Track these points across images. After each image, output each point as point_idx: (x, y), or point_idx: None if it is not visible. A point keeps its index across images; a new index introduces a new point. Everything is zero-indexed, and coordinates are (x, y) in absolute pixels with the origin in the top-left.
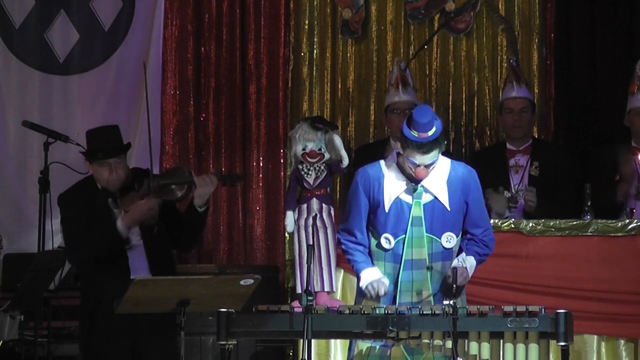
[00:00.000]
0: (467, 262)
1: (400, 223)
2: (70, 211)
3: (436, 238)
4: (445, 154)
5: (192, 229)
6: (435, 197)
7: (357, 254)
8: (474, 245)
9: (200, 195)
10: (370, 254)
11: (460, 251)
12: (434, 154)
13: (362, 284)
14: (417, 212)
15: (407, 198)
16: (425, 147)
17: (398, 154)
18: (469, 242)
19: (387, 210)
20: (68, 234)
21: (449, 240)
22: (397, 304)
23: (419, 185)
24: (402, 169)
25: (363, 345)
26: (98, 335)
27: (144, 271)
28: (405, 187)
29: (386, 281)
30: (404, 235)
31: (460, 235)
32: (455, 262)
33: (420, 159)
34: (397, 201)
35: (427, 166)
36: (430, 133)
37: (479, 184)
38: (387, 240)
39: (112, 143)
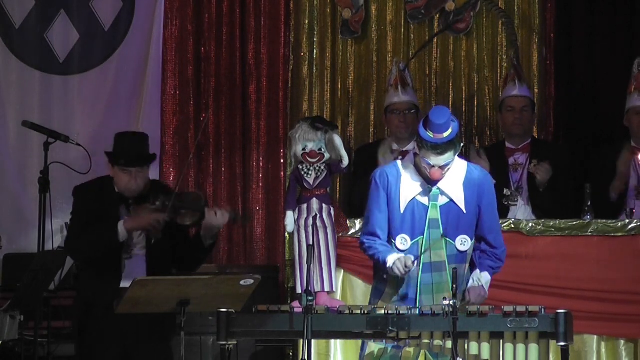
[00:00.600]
0: (483, 279)
1: (416, 224)
2: (80, 203)
3: (450, 241)
4: (461, 155)
5: (194, 257)
6: (452, 200)
7: (379, 246)
8: (486, 260)
9: (208, 228)
10: None
11: (472, 265)
12: (449, 155)
13: (389, 264)
14: (434, 214)
15: (424, 200)
16: (440, 148)
17: (415, 154)
18: (482, 257)
19: (402, 211)
20: (71, 226)
21: (464, 243)
22: (418, 305)
23: (436, 187)
24: (419, 170)
25: (374, 346)
26: (90, 337)
27: None
28: (421, 188)
29: (411, 256)
30: (420, 237)
31: (474, 239)
32: (470, 282)
33: (435, 160)
34: (413, 202)
35: (442, 167)
36: (445, 134)
37: (493, 189)
38: (404, 241)
39: (137, 152)
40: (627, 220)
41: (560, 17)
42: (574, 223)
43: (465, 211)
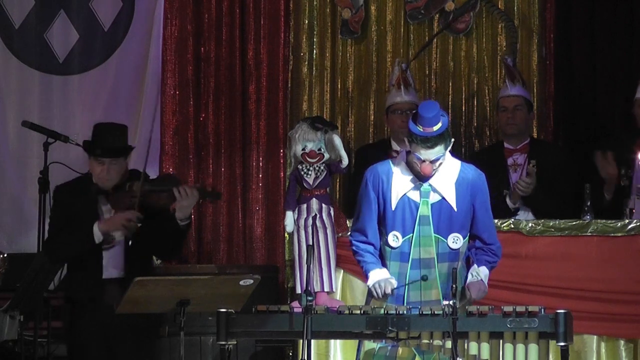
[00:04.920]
0: (481, 274)
1: (408, 221)
2: (57, 204)
3: (442, 238)
4: (454, 155)
5: (170, 240)
6: (443, 198)
7: (367, 255)
8: (483, 255)
9: (180, 208)
10: (380, 253)
11: (468, 262)
12: (439, 149)
13: (370, 283)
14: (424, 211)
15: (415, 197)
16: (430, 141)
17: (407, 152)
18: (478, 252)
19: (393, 208)
20: (49, 227)
21: (455, 241)
22: (405, 303)
23: (427, 183)
24: (411, 168)
25: (371, 345)
26: (76, 334)
27: (117, 270)
28: (412, 184)
29: (394, 281)
30: (411, 234)
31: (467, 238)
32: (469, 278)
33: (426, 154)
34: (405, 199)
35: (433, 162)
36: (435, 128)
37: (487, 188)
38: (395, 238)
39: (113, 143)
40: (627, 220)
41: (560, 17)
42: (574, 223)
43: (456, 209)
